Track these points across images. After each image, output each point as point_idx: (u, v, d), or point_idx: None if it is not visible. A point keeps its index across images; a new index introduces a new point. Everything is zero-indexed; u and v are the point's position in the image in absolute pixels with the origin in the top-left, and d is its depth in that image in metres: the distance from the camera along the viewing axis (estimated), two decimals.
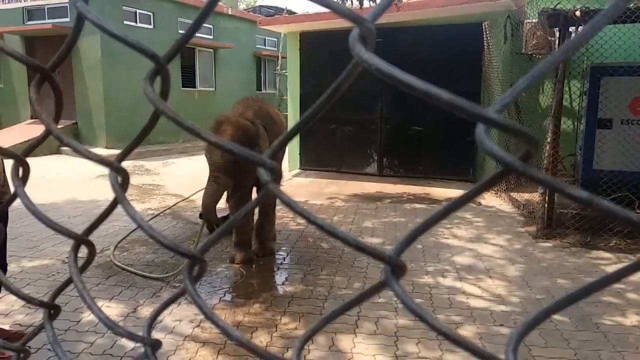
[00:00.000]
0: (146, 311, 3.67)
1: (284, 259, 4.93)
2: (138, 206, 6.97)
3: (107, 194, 7.59)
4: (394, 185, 8.36)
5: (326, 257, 4.90)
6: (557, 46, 7.56)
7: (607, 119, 5.64)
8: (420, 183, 8.43)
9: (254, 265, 4.68)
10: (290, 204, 0.43)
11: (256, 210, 4.98)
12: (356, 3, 6.44)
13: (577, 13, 5.18)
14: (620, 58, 6.24)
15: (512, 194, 7.48)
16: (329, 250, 5.10)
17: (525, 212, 6.57)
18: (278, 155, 4.00)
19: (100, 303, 3.79)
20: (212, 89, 15.69)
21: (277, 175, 0.44)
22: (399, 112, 8.90)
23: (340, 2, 6.48)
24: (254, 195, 4.97)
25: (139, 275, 4.34)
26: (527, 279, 4.34)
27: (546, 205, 5.56)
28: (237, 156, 0.44)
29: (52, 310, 0.59)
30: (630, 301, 3.86)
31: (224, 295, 4.01)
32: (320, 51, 9.39)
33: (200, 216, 4.89)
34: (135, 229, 5.72)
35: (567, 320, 3.56)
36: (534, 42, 8.70)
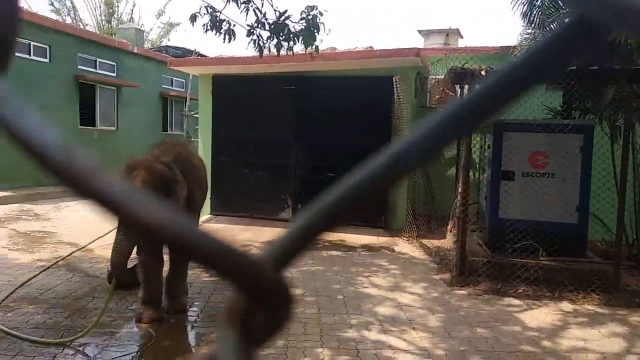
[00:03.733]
0: None
1: (198, 315, 4.54)
2: (26, 257, 6.17)
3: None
4: None
5: None
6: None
7: (510, 171, 6.01)
8: (335, 230, 8.38)
9: (164, 324, 4.24)
10: None
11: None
12: (274, 50, 6.41)
13: (483, 72, 5.55)
14: (513, 115, 6.77)
15: (422, 240, 7.68)
16: None
17: (437, 259, 6.73)
18: (196, 196, 3.63)
19: None
20: (114, 128, 14.82)
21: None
22: (313, 158, 8.92)
23: (257, 49, 6.43)
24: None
25: (28, 341, 3.73)
26: (449, 329, 4.35)
27: (459, 253, 5.72)
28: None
29: None
30: (547, 349, 3.98)
31: None
32: (233, 94, 9.26)
33: (109, 278, 4.35)
34: (23, 284, 5.01)
35: None
36: (437, 97, 9.28)
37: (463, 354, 3.84)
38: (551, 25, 8.91)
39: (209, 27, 6.24)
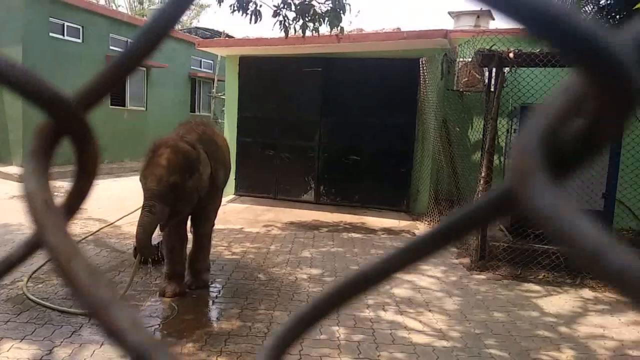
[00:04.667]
0: (63, 353, 3.29)
1: (219, 291, 4.67)
2: None
3: (21, 218, 6.95)
4: (330, 213, 8.32)
5: (264, 289, 4.69)
6: (486, 84, 7.95)
7: None
8: (356, 212, 8.44)
9: (186, 299, 4.38)
10: None
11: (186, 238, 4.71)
12: (299, 31, 6.41)
13: (511, 55, 5.44)
14: (541, 100, 6.62)
15: None
16: (267, 282, 4.90)
17: (457, 244, 6.71)
18: (219, 175, 3.72)
19: (8, 344, 3.36)
20: (143, 108, 15.09)
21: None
22: (337, 141, 8.94)
23: (282, 30, 6.45)
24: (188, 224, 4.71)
25: (56, 311, 3.92)
26: (465, 312, 4.37)
27: (479, 238, 5.70)
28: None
29: None
30: (563, 335, 3.97)
31: (154, 334, 3.70)
32: (260, 75, 9.31)
33: (135, 253, 4.50)
34: None
35: (507, 355, 3.58)
36: (465, 80, 9.12)
37: (478, 337, 3.86)
38: (585, 7, 8.60)
39: (235, 8, 6.27)
